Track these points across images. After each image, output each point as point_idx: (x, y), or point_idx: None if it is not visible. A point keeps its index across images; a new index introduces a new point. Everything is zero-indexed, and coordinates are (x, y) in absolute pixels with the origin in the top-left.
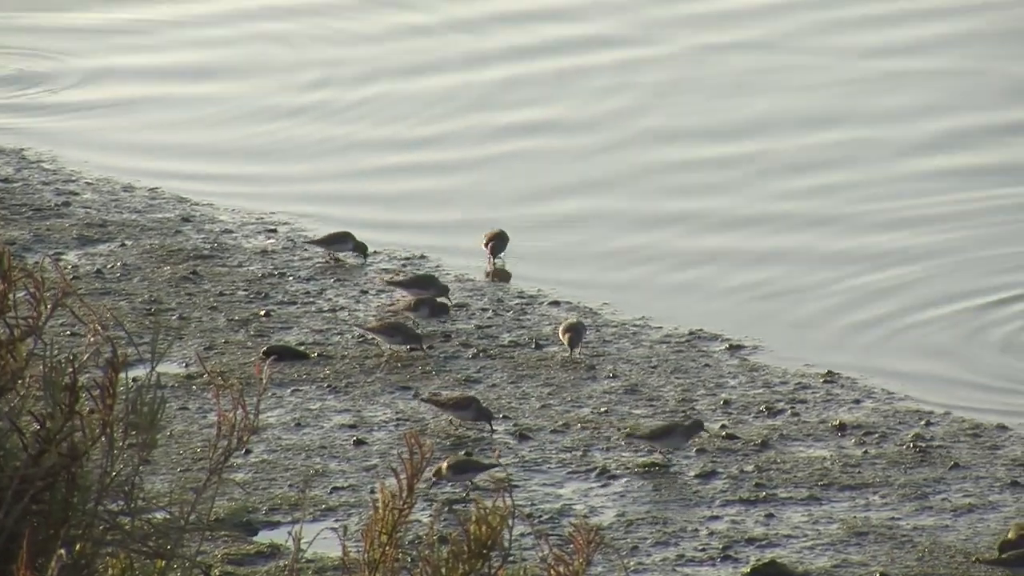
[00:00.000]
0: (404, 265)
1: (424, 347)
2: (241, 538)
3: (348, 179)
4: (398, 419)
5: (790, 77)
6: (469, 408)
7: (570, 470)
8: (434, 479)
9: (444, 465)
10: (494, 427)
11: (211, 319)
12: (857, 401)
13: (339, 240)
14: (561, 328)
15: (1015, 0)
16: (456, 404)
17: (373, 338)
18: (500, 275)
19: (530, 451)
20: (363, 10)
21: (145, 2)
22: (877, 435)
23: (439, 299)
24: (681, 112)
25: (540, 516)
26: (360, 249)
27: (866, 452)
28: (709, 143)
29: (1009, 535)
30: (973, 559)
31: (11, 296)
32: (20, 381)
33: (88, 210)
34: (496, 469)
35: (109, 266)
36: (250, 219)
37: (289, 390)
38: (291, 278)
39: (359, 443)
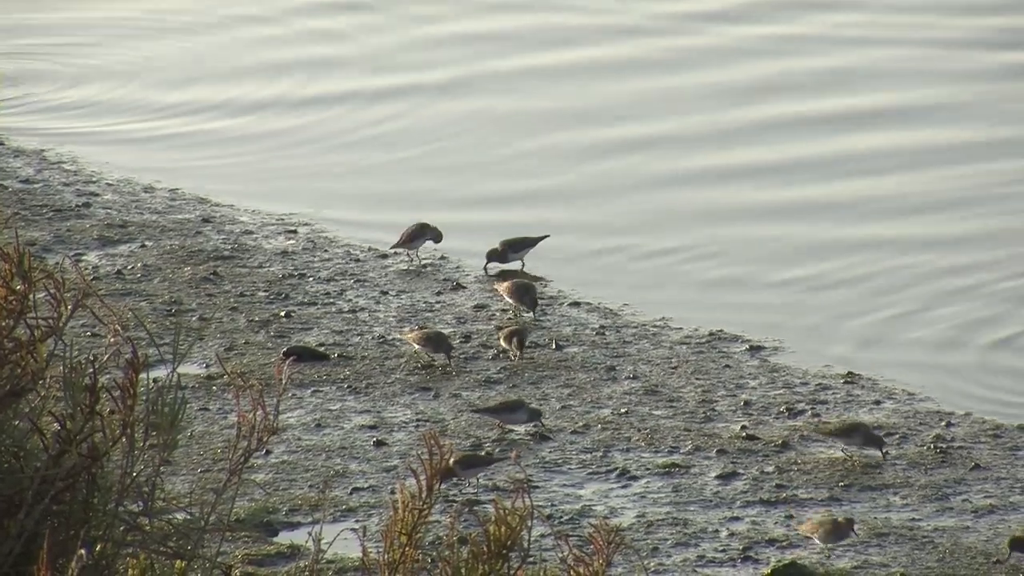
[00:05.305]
0: (424, 266)
1: (451, 356)
2: (261, 539)
3: (368, 179)
4: (418, 420)
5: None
6: (520, 410)
7: (590, 471)
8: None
9: (451, 460)
10: (523, 427)
11: (231, 320)
12: (878, 402)
13: (418, 235)
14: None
15: None
16: (506, 407)
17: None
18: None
19: (550, 452)
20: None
21: (168, 1)
22: (898, 436)
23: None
24: (695, 114)
25: (560, 517)
26: (436, 238)
27: (887, 453)
28: (730, 144)
29: (1019, 532)
30: (994, 560)
31: (32, 297)
32: (41, 382)
33: (109, 211)
34: (507, 465)
35: (129, 267)
36: (270, 220)
37: (309, 391)
38: (311, 279)
39: (379, 444)
